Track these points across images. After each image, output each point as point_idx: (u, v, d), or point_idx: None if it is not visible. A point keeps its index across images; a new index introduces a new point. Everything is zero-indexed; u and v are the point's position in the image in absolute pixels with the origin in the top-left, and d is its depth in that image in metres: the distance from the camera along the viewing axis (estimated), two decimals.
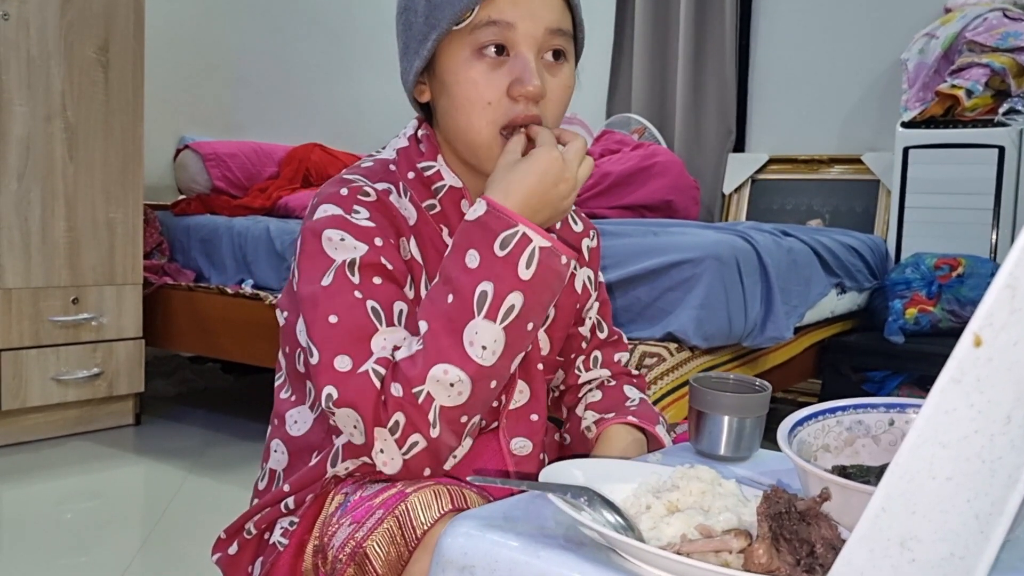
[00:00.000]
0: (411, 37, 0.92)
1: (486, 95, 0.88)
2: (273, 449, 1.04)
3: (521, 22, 0.87)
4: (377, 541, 0.80)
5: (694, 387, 0.97)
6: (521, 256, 0.82)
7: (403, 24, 0.94)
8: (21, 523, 1.96)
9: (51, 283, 2.50)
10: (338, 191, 0.91)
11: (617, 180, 2.79)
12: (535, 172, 0.85)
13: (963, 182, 2.90)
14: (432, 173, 0.95)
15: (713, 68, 3.76)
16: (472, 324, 0.81)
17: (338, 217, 0.88)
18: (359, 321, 0.84)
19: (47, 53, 2.45)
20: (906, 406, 0.86)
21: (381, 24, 4.12)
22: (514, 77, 0.88)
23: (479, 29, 0.87)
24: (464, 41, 0.88)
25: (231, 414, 2.99)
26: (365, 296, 0.85)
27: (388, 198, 0.92)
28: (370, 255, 0.87)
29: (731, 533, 0.67)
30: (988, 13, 2.94)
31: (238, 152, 3.18)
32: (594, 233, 1.14)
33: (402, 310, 0.87)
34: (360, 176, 0.94)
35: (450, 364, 0.81)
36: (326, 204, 0.90)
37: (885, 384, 2.66)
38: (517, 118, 0.89)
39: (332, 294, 0.85)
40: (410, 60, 0.93)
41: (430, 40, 0.89)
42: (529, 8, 0.87)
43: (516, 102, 0.89)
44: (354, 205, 0.89)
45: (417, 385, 0.81)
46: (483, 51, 0.88)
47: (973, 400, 0.45)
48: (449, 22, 0.87)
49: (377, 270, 0.87)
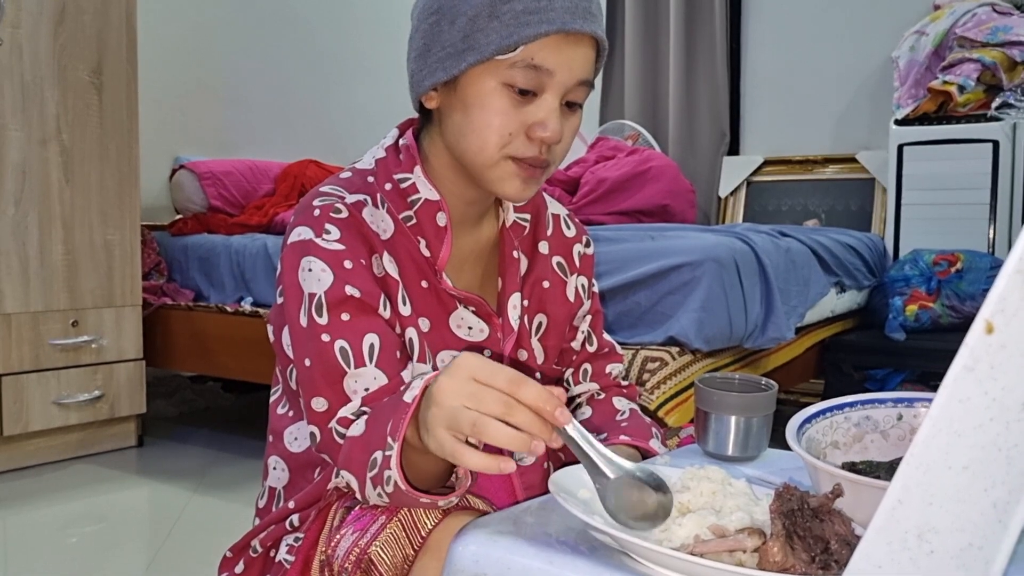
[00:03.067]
0: (436, 43, 0.90)
1: (507, 128, 0.88)
2: (272, 466, 1.04)
3: (559, 71, 0.87)
4: (381, 546, 0.80)
5: (700, 388, 0.97)
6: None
7: (430, 24, 0.90)
8: (26, 549, 1.95)
9: (50, 307, 2.49)
10: (311, 212, 0.91)
11: (613, 186, 2.79)
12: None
13: (958, 177, 2.91)
14: (408, 185, 0.95)
15: (704, 72, 3.77)
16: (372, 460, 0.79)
17: (308, 243, 0.89)
18: (329, 364, 0.86)
19: (41, 77, 2.45)
20: (914, 400, 0.86)
21: (373, 41, 4.14)
22: (537, 120, 0.87)
23: (517, 68, 0.86)
24: (496, 71, 0.87)
25: (233, 433, 2.98)
26: (333, 337, 0.87)
27: (362, 212, 0.92)
28: (336, 288, 0.87)
29: (745, 532, 0.67)
30: (977, 8, 2.95)
31: (233, 170, 3.18)
32: (587, 239, 1.13)
33: (372, 343, 0.87)
34: (338, 188, 0.94)
35: (353, 480, 0.81)
36: (300, 227, 0.91)
37: (888, 382, 2.66)
38: (528, 158, 0.89)
39: (305, 338, 0.88)
40: (430, 68, 0.91)
41: (465, 62, 0.87)
42: (569, 59, 0.87)
43: (531, 141, 0.89)
44: (325, 224, 0.89)
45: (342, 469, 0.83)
46: (513, 86, 0.87)
47: (987, 388, 0.44)
48: (493, 52, 0.85)
49: (344, 305, 0.87)
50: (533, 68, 0.86)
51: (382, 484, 0.77)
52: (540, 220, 1.07)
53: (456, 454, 0.68)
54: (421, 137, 0.99)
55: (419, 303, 0.94)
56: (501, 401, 0.67)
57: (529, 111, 0.88)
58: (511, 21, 0.84)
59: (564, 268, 1.08)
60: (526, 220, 1.05)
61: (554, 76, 0.87)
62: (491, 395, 0.67)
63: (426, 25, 0.91)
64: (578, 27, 0.86)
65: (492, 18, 0.85)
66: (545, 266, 1.06)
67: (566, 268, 1.08)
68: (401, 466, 0.75)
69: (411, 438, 0.75)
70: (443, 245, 0.95)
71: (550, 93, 0.87)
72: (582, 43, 0.88)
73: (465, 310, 0.98)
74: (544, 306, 1.05)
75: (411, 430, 0.75)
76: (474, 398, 0.67)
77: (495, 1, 0.85)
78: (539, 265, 1.05)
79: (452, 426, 0.68)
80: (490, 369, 0.69)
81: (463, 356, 0.71)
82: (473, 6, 0.86)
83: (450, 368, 0.70)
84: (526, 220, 1.05)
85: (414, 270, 0.94)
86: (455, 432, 0.69)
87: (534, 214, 1.07)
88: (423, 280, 0.95)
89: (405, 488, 0.75)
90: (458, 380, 0.69)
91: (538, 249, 1.06)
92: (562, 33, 0.85)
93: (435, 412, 0.70)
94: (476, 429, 0.67)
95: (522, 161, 0.89)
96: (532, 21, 0.84)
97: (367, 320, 0.88)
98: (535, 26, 0.84)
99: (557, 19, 0.85)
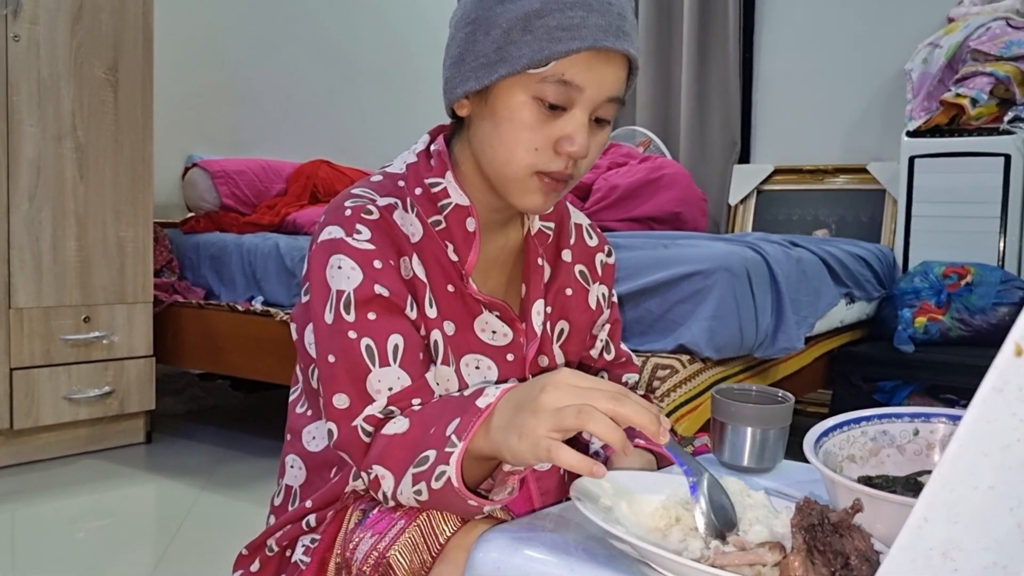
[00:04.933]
0: (471, 53, 0.90)
1: (534, 141, 0.89)
2: (289, 464, 1.04)
3: (589, 87, 0.87)
4: (400, 550, 0.81)
5: (717, 399, 0.97)
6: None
7: (466, 34, 0.91)
8: (34, 543, 1.96)
9: (62, 302, 2.51)
10: (343, 212, 0.92)
11: (626, 193, 2.79)
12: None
13: (969, 190, 2.91)
14: (439, 190, 0.96)
15: (717, 79, 3.77)
16: (423, 457, 0.81)
17: (338, 241, 0.90)
18: (354, 361, 0.87)
19: (57, 74, 2.47)
20: (931, 416, 0.86)
21: (386, 43, 4.16)
22: (565, 135, 0.88)
23: (548, 83, 0.86)
24: (527, 84, 0.87)
25: (241, 431, 2.99)
26: (360, 334, 0.87)
27: (392, 215, 0.93)
28: (365, 286, 0.88)
29: (765, 546, 0.67)
30: (991, 22, 2.95)
31: (246, 169, 3.19)
32: (609, 248, 1.14)
33: (397, 344, 0.88)
34: (369, 190, 0.95)
35: (387, 475, 0.83)
36: (330, 226, 0.92)
37: (896, 394, 2.65)
38: (553, 172, 0.90)
39: (331, 334, 0.89)
40: (463, 76, 0.92)
41: (496, 73, 0.88)
42: (600, 76, 0.87)
43: (558, 155, 0.89)
44: (356, 224, 0.91)
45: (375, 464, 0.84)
46: (542, 100, 0.88)
47: (1015, 409, 0.45)
48: (524, 66, 0.86)
49: (372, 304, 0.88)
50: (563, 83, 0.86)
51: (428, 480, 0.78)
52: (563, 229, 1.08)
53: (552, 451, 0.71)
54: (452, 143, 1.00)
55: (445, 306, 0.95)
56: (609, 396, 0.71)
57: (557, 125, 0.88)
58: (544, 36, 0.85)
59: (587, 276, 1.09)
60: (550, 228, 1.07)
61: (584, 92, 0.87)
62: (599, 392, 0.72)
63: (462, 34, 0.92)
64: (610, 45, 0.86)
65: (526, 32, 0.86)
66: (568, 274, 1.07)
67: (588, 277, 1.09)
68: (461, 465, 0.76)
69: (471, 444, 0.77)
70: (471, 250, 0.96)
71: (579, 108, 0.88)
72: (613, 61, 0.88)
73: (490, 314, 0.99)
74: (566, 313, 1.06)
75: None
76: (582, 395, 0.71)
77: (530, 15, 0.86)
78: (562, 273, 1.06)
79: (556, 424, 0.71)
80: (591, 379, 0.74)
81: (562, 371, 0.75)
82: (508, 19, 0.87)
83: (550, 381, 0.74)
84: (550, 228, 1.07)
85: (441, 274, 0.95)
86: (556, 429, 0.71)
87: (558, 222, 1.08)
88: (449, 284, 0.96)
89: (458, 486, 0.76)
90: (563, 389, 0.72)
91: (561, 257, 1.07)
92: (594, 50, 0.86)
93: (531, 421, 0.72)
94: (581, 416, 0.70)
95: (547, 175, 0.90)
96: (564, 37, 0.85)
97: (393, 320, 0.89)
98: (567, 42, 0.85)
99: (589, 36, 0.85)
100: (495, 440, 0.75)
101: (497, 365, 0.98)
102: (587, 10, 0.86)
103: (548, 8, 0.85)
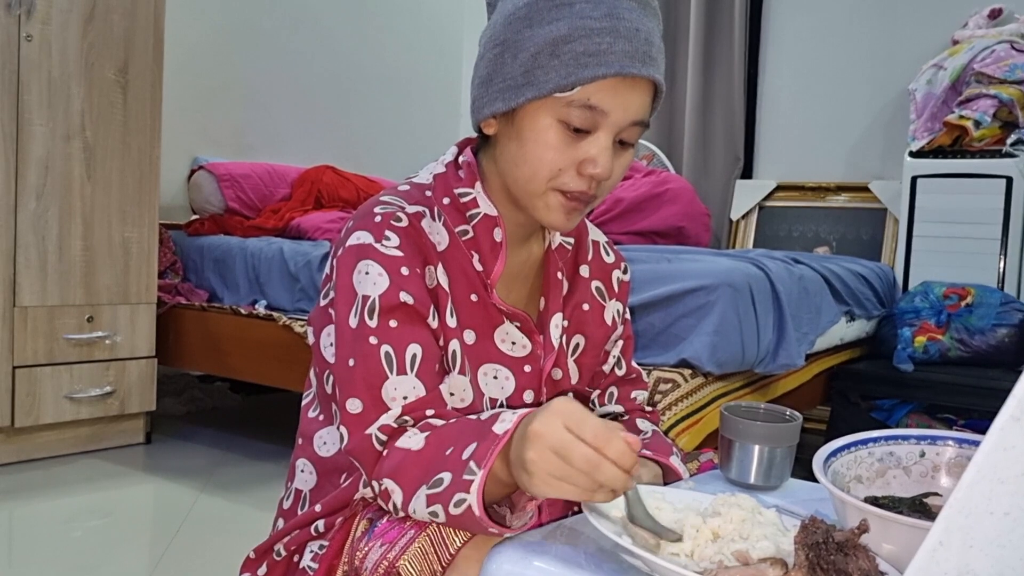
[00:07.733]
0: (498, 75, 0.92)
1: (558, 162, 0.90)
2: (300, 469, 1.05)
3: (614, 112, 0.88)
4: (410, 560, 0.82)
5: (725, 416, 0.98)
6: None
7: (494, 55, 0.92)
8: (31, 541, 1.96)
9: (66, 301, 2.51)
10: (372, 218, 0.93)
11: (630, 206, 2.81)
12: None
13: (971, 212, 2.93)
14: (468, 200, 0.97)
15: (721, 95, 3.80)
16: (438, 479, 0.81)
17: (367, 247, 0.91)
18: (372, 367, 0.88)
19: (68, 74, 2.48)
20: (937, 438, 0.87)
21: (394, 49, 4.18)
22: (589, 157, 0.89)
23: (574, 107, 0.88)
24: (553, 108, 0.89)
25: (240, 434, 2.99)
26: (380, 341, 0.88)
27: (420, 223, 0.95)
28: (391, 293, 0.89)
29: (767, 562, 0.68)
30: (996, 45, 2.97)
31: (251, 173, 3.20)
32: (625, 266, 1.16)
33: (415, 353, 0.89)
34: (397, 198, 0.96)
35: (398, 490, 0.83)
36: (359, 231, 0.93)
37: (894, 412, 2.66)
38: (576, 192, 0.91)
39: (352, 337, 0.89)
40: (491, 97, 0.93)
41: (523, 96, 0.89)
42: (625, 101, 0.89)
43: (581, 177, 0.91)
44: (385, 231, 0.92)
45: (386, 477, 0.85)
46: (568, 124, 0.89)
47: None
48: (551, 90, 0.88)
49: (396, 312, 0.89)
50: (589, 108, 0.88)
51: (446, 504, 0.78)
52: (582, 245, 1.10)
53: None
54: (479, 157, 1.01)
55: (466, 315, 0.97)
56: (587, 460, 0.71)
57: (581, 147, 0.90)
58: (571, 61, 0.87)
59: (603, 293, 1.11)
60: (570, 243, 1.08)
61: (609, 116, 0.88)
62: (579, 450, 0.71)
63: (491, 55, 0.93)
64: (636, 71, 0.87)
65: (553, 56, 0.87)
66: (585, 289, 1.08)
67: (605, 293, 1.11)
68: (482, 494, 0.76)
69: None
70: (497, 260, 0.97)
71: (603, 132, 0.89)
72: (639, 86, 0.89)
73: (511, 325, 1.00)
74: (582, 328, 1.07)
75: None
76: (565, 449, 0.71)
77: (557, 40, 0.87)
78: (580, 288, 1.08)
79: (561, 475, 0.72)
80: (579, 417, 0.73)
81: (557, 401, 0.75)
82: (536, 43, 0.88)
83: (544, 413, 0.74)
84: (570, 243, 1.08)
85: (464, 283, 0.97)
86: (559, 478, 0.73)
87: (577, 238, 1.09)
88: (472, 293, 0.97)
89: (479, 515, 0.76)
90: (551, 427, 0.72)
91: (579, 272, 1.08)
92: (619, 76, 0.87)
93: (532, 456, 0.72)
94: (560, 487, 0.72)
95: (569, 194, 0.92)
96: (591, 63, 0.86)
97: (415, 329, 0.90)
98: (593, 68, 0.86)
99: (615, 63, 0.86)
100: (512, 468, 0.76)
101: (515, 375, 1.00)
102: (614, 36, 0.87)
103: (576, 34, 0.86)
